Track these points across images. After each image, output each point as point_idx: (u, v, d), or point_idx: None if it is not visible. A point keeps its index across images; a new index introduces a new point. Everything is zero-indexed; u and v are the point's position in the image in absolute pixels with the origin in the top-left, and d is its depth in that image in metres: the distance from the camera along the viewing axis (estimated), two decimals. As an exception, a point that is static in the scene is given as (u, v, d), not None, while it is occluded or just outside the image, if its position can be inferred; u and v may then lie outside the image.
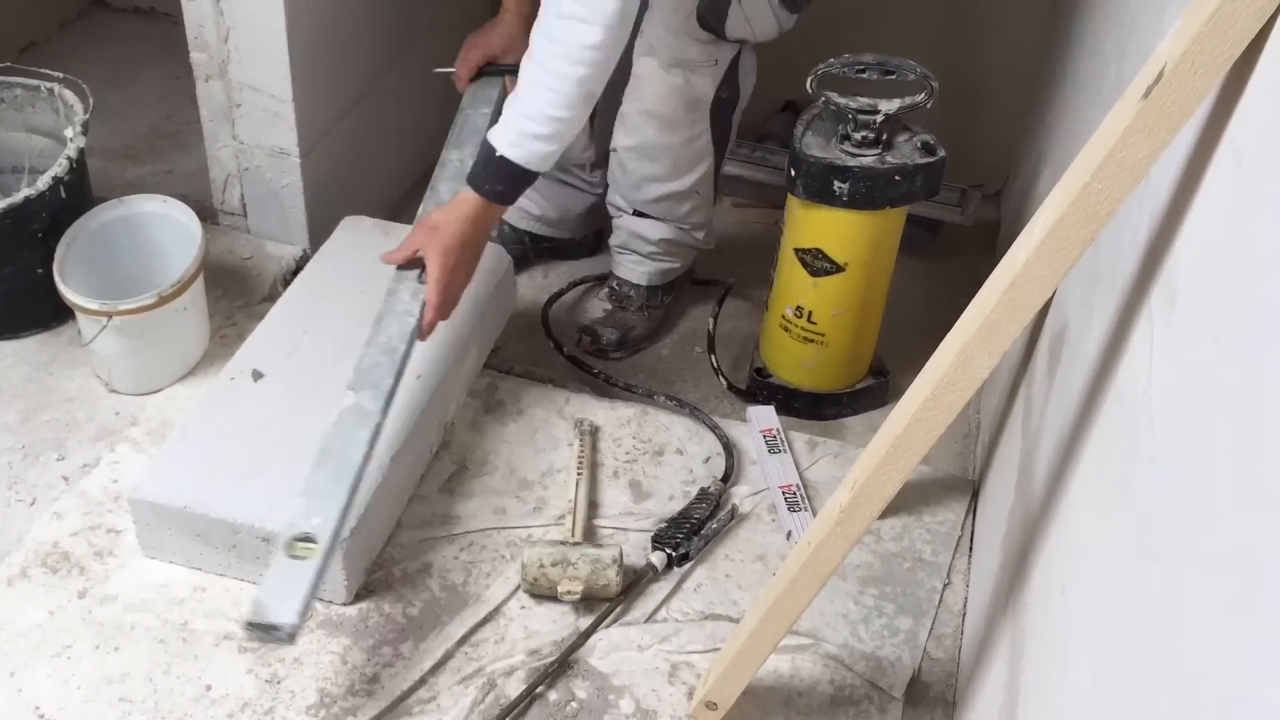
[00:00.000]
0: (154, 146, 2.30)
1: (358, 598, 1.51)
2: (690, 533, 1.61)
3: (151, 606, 1.47)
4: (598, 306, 2.05)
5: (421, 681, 1.42)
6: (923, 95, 1.68)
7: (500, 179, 1.53)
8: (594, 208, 2.09)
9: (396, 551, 1.57)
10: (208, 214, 2.00)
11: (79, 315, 1.71)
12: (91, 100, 1.85)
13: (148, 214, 1.81)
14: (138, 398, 1.75)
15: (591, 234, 2.15)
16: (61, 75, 1.89)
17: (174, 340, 1.76)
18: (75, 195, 1.80)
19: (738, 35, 1.73)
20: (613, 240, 2.01)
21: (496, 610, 1.51)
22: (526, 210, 2.07)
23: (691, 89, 1.76)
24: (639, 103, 1.78)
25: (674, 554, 1.58)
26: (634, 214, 1.92)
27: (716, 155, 1.87)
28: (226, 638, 1.45)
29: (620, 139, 1.84)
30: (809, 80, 1.70)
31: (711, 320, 1.96)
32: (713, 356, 1.93)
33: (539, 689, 1.42)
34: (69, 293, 1.66)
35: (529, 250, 2.11)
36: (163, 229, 1.81)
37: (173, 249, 1.78)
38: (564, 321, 2.04)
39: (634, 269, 1.99)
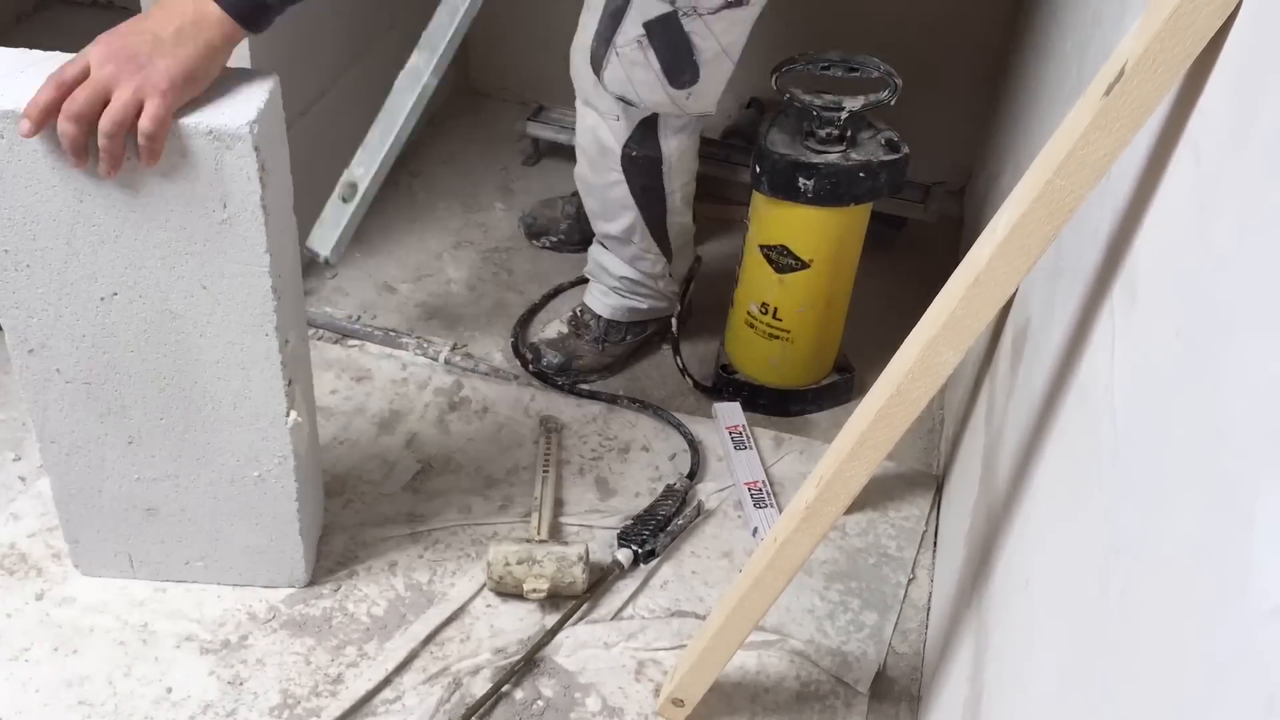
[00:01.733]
0: (112, 142, 2.27)
1: (320, 596, 1.49)
2: (656, 529, 1.61)
3: (111, 608, 1.46)
4: (553, 327, 1.96)
5: (386, 681, 1.41)
6: (886, 93, 1.69)
7: None
8: None
9: (361, 550, 1.56)
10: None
11: None
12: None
13: None
14: None
15: None
16: (17, 69, 1.85)
17: None
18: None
19: (619, 92, 1.63)
20: (586, 266, 1.97)
21: (462, 609, 1.51)
22: None
23: (600, 133, 1.71)
24: (577, 136, 1.78)
25: (640, 551, 1.58)
26: (598, 242, 1.90)
27: (645, 212, 1.79)
28: (188, 639, 1.43)
29: (576, 168, 1.84)
30: (773, 76, 1.70)
31: (675, 321, 1.96)
32: (678, 358, 1.93)
33: (505, 688, 1.41)
34: None
35: (575, 235, 2.17)
36: None
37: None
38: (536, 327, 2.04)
39: (599, 299, 1.93)
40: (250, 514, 1.43)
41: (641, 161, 1.73)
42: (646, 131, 1.70)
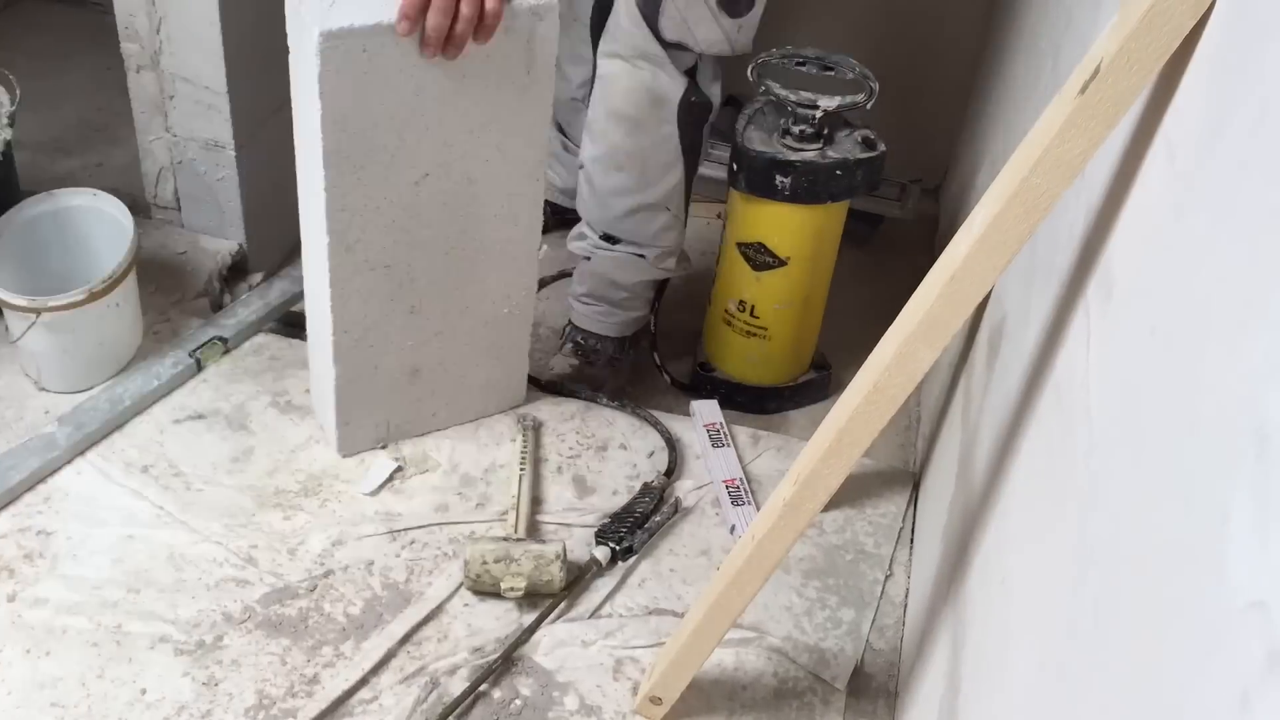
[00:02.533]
0: (84, 139, 2.25)
1: (297, 596, 1.49)
2: (634, 526, 1.60)
3: (84, 609, 1.44)
4: (562, 362, 1.89)
5: (363, 681, 1.40)
6: (862, 95, 1.69)
7: None
8: None
9: (337, 549, 1.55)
10: (140, 208, 1.96)
11: (6, 312, 1.66)
12: (19, 91, 1.80)
13: (76, 208, 1.77)
14: (68, 396, 1.71)
15: None
16: (-12, 66, 1.84)
17: (105, 337, 1.72)
18: (2, 189, 1.76)
19: (675, 37, 1.62)
20: (575, 287, 1.90)
21: (439, 608, 1.50)
22: (550, 182, 2.07)
23: (658, 84, 1.67)
24: (605, 104, 1.70)
25: (617, 548, 1.58)
26: (603, 238, 1.81)
27: (687, 167, 1.75)
28: (162, 640, 1.42)
29: (587, 149, 1.76)
30: (749, 69, 1.70)
31: (652, 318, 1.96)
32: (655, 354, 1.92)
33: (482, 687, 1.41)
34: None
35: (549, 219, 2.06)
36: (92, 223, 1.77)
37: (103, 244, 1.74)
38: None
39: (601, 320, 1.88)
40: (494, 350, 1.66)
41: (697, 109, 1.70)
42: (693, 81, 1.69)
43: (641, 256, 1.81)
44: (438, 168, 1.44)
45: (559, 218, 2.11)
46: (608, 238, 1.81)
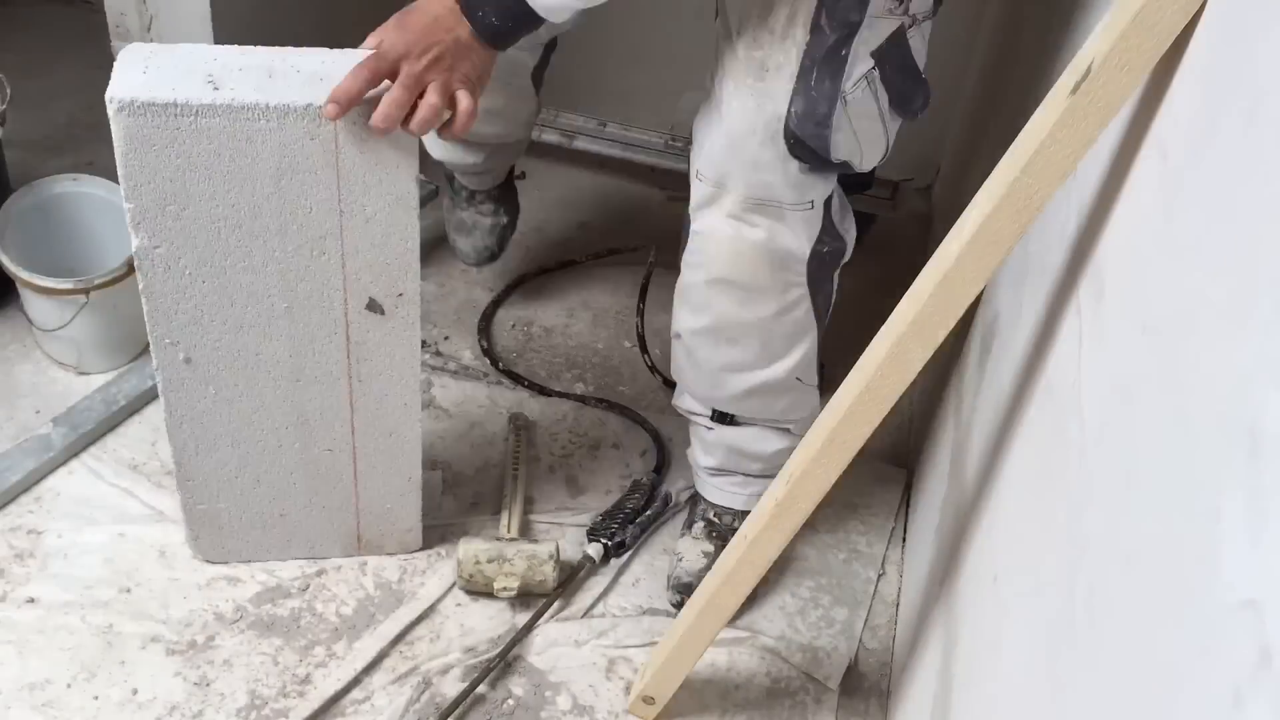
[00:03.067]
0: (74, 137, 2.24)
1: (289, 596, 1.48)
2: (625, 522, 1.60)
3: (75, 609, 1.44)
4: (693, 549, 1.56)
5: (355, 681, 1.40)
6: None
7: (498, 8, 1.18)
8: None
9: (329, 550, 1.55)
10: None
11: (40, 305, 1.66)
12: (9, 90, 1.79)
13: (59, 195, 1.75)
14: (65, 381, 1.70)
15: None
16: (-23, 64, 1.83)
17: (139, 308, 1.72)
18: (-6, 187, 1.75)
19: (844, 155, 1.27)
20: (700, 458, 1.57)
21: (432, 608, 1.50)
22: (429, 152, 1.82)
23: (777, 243, 1.31)
24: (704, 270, 1.36)
25: (610, 544, 1.58)
26: (715, 418, 1.50)
27: (819, 328, 1.43)
28: (154, 640, 1.42)
29: (685, 320, 1.43)
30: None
31: (639, 319, 1.94)
32: (646, 355, 1.92)
33: (476, 687, 1.41)
34: (38, 279, 1.62)
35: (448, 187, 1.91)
36: (79, 207, 1.76)
37: (96, 225, 1.74)
38: (506, 334, 2.03)
39: (737, 493, 1.56)
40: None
41: (829, 258, 1.37)
42: (828, 220, 1.35)
43: (786, 431, 1.51)
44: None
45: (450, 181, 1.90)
46: (721, 416, 1.50)
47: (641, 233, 2.15)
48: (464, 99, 1.20)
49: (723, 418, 1.50)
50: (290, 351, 1.35)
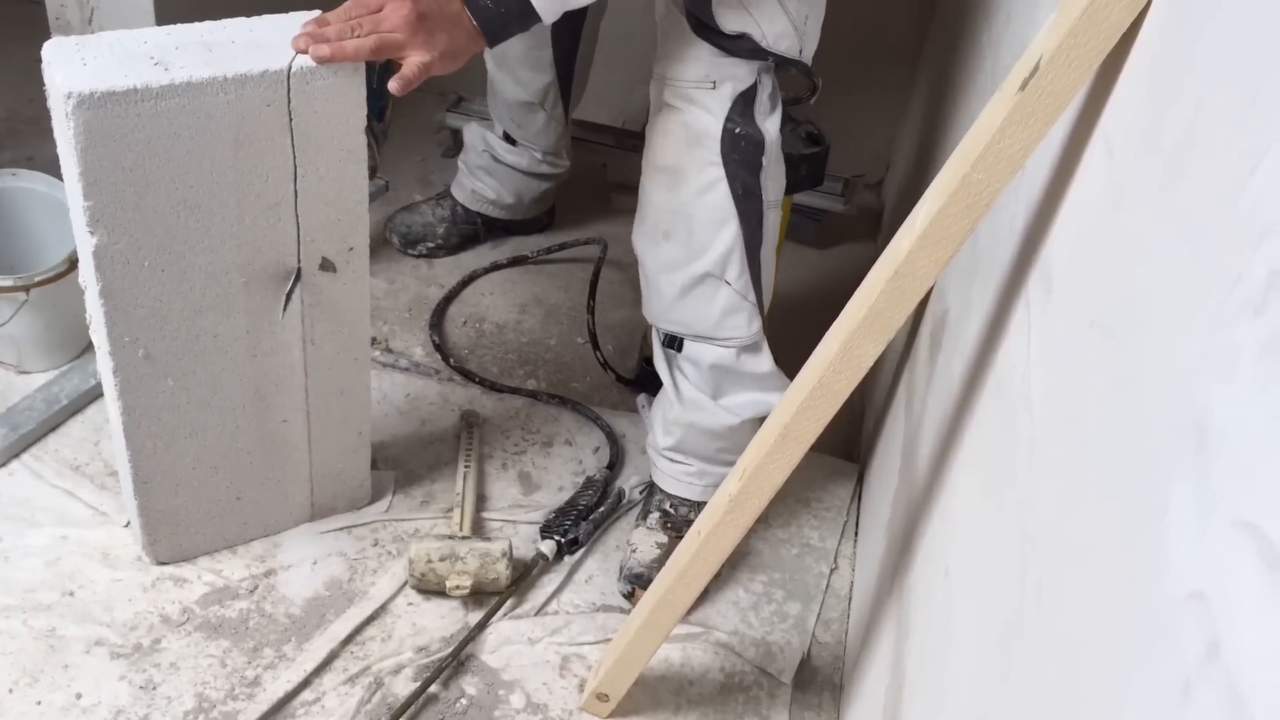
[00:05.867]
0: (14, 132, 2.19)
1: (237, 597, 1.46)
2: (578, 519, 1.60)
3: (16, 614, 1.41)
4: (646, 539, 1.57)
5: (305, 683, 1.39)
6: (806, 93, 1.69)
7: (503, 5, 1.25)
8: (547, 193, 2.11)
9: (278, 549, 1.53)
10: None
11: None
12: (-55, 83, 1.75)
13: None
14: (5, 380, 1.67)
15: (545, 212, 2.17)
16: (-88, 56, 1.79)
17: (81, 306, 1.69)
18: (-71, 183, 1.71)
19: (736, 28, 1.34)
20: (660, 438, 1.58)
21: (383, 607, 1.48)
22: (481, 194, 2.07)
23: (691, 123, 1.40)
24: (647, 163, 1.47)
25: (563, 541, 1.57)
26: (667, 344, 1.55)
27: (744, 226, 1.43)
28: (98, 643, 1.39)
29: (636, 236, 1.51)
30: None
31: (590, 317, 1.93)
32: (598, 353, 1.91)
33: (429, 686, 1.39)
34: None
35: (480, 231, 2.12)
36: (19, 203, 1.73)
37: (36, 221, 1.71)
38: (462, 330, 2.01)
39: (693, 483, 1.58)
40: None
41: (744, 144, 1.40)
42: (744, 107, 1.40)
43: (724, 347, 1.50)
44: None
45: (490, 227, 2.12)
46: (670, 341, 1.54)
47: (592, 228, 2.15)
48: (420, 54, 1.23)
49: (671, 341, 1.54)
50: (248, 327, 1.34)
